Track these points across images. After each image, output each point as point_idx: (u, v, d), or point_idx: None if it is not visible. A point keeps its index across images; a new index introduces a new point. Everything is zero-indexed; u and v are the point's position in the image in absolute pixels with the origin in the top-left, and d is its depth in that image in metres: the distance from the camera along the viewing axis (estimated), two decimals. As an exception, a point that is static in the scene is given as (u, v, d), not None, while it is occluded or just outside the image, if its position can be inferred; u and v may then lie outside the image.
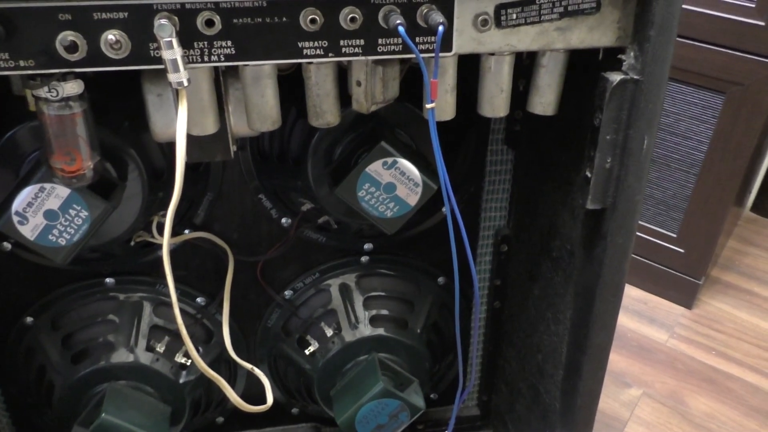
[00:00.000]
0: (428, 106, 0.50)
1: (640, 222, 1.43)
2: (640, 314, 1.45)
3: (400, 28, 0.46)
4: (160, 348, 0.82)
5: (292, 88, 0.61)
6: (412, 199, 0.69)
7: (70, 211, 0.62)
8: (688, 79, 1.25)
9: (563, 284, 0.75)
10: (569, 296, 0.73)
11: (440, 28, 0.47)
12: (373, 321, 0.87)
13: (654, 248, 1.43)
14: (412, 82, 0.60)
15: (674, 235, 1.40)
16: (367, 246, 0.88)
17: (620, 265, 0.64)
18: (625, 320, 1.43)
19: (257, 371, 0.80)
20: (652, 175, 1.37)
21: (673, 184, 1.36)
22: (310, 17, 0.48)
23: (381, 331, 0.86)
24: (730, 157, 1.26)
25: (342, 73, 0.58)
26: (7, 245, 0.77)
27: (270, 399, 0.73)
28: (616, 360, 1.34)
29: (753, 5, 1.15)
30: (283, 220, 0.83)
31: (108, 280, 0.82)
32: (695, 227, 1.36)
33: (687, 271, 1.42)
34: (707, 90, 1.24)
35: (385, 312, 0.89)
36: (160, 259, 0.82)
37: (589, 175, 0.60)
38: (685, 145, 1.31)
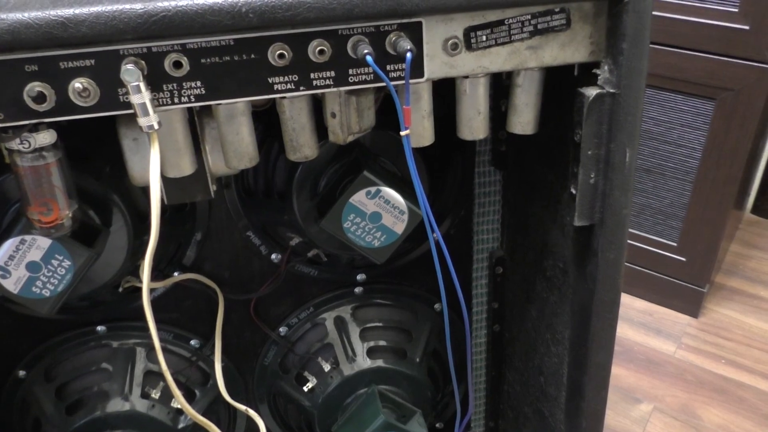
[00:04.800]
0: (402, 133, 0.49)
1: (639, 233, 1.42)
2: (647, 326, 1.43)
3: (368, 58, 0.46)
4: (156, 394, 0.81)
5: (272, 123, 0.61)
6: (399, 227, 0.68)
7: (53, 261, 0.61)
8: (677, 87, 1.25)
9: (559, 303, 0.74)
10: (566, 315, 0.72)
11: (408, 54, 0.46)
12: (371, 353, 0.86)
13: (655, 258, 1.42)
14: (393, 109, 0.60)
15: (675, 244, 1.39)
16: (360, 276, 0.87)
17: (614, 281, 0.63)
18: (631, 333, 1.41)
19: (251, 412, 0.79)
20: (648, 185, 1.37)
21: (669, 192, 1.35)
22: (278, 52, 0.48)
23: (380, 362, 0.85)
24: (725, 161, 1.26)
25: (318, 105, 0.58)
26: (-5, 299, 0.76)
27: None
28: (624, 375, 1.31)
29: (736, 10, 1.15)
30: (273, 256, 0.82)
31: (99, 327, 0.81)
32: (695, 234, 1.35)
33: (690, 280, 1.41)
34: (697, 97, 1.24)
35: (382, 343, 0.87)
36: (151, 304, 0.82)
37: (574, 191, 0.59)
38: (679, 153, 1.31)
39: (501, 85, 0.74)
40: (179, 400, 0.58)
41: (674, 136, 1.30)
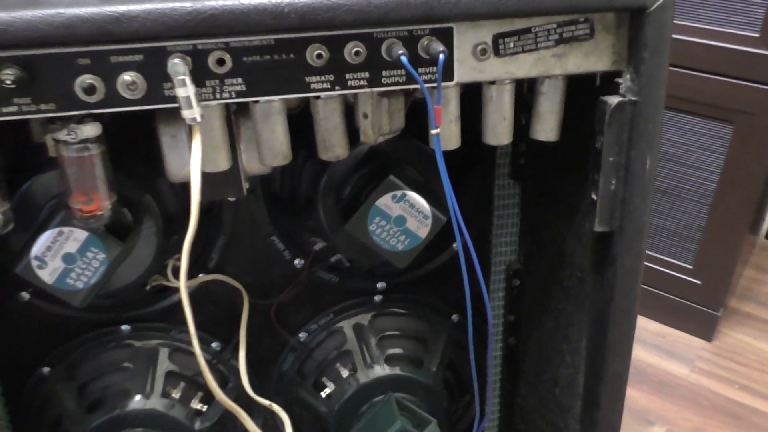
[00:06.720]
0: (433, 132, 0.51)
1: (654, 254, 1.43)
2: (660, 348, 1.43)
3: (403, 58, 0.48)
4: (176, 394, 0.82)
5: (299, 129, 0.63)
6: (423, 231, 0.70)
7: (88, 253, 0.63)
8: (696, 109, 1.26)
9: (575, 313, 0.75)
10: (582, 324, 0.73)
11: (441, 56, 0.48)
12: (389, 361, 0.87)
13: (670, 280, 1.42)
14: (418, 118, 0.62)
15: (690, 267, 1.39)
16: (380, 285, 0.88)
17: (631, 289, 0.64)
18: (644, 355, 1.41)
19: (275, 407, 0.80)
20: (664, 206, 1.38)
21: (685, 215, 1.37)
22: (316, 53, 0.50)
23: (397, 370, 0.86)
24: (742, 185, 1.27)
25: (348, 110, 0.60)
26: (25, 295, 0.78)
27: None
28: (637, 397, 1.31)
29: (757, 35, 1.18)
30: (296, 262, 0.84)
31: (124, 327, 0.83)
32: (711, 258, 1.36)
33: (705, 303, 1.41)
34: (716, 120, 1.26)
35: (400, 351, 0.89)
36: (174, 305, 0.84)
37: (595, 197, 0.61)
38: (696, 175, 1.32)
39: (521, 100, 0.76)
40: (211, 386, 0.59)
41: (692, 159, 1.31)
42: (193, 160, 0.50)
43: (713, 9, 1.18)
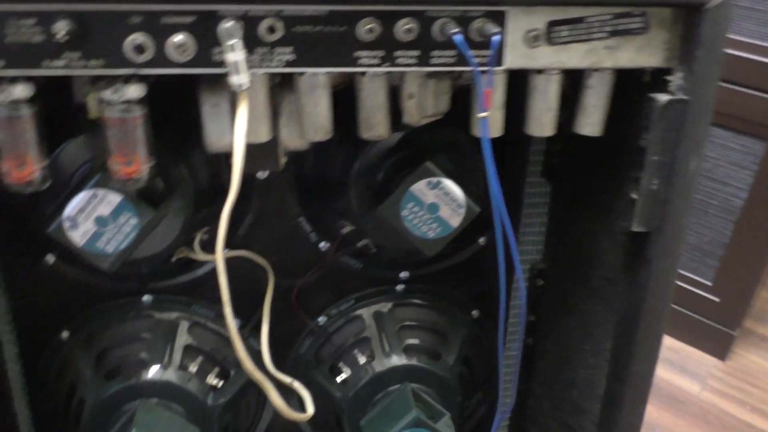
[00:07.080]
0: (481, 115, 0.51)
1: (673, 268, 1.41)
2: (672, 363, 1.42)
3: (458, 37, 0.48)
4: (193, 368, 0.82)
5: (336, 110, 0.63)
6: (455, 220, 0.69)
7: (120, 218, 0.63)
8: (728, 123, 1.25)
9: (603, 314, 0.74)
10: (609, 325, 0.72)
11: (496, 37, 0.48)
12: (407, 351, 0.86)
13: (688, 296, 1.41)
14: (455, 106, 0.61)
15: (710, 284, 1.38)
16: (403, 274, 0.88)
17: (665, 290, 0.64)
18: (656, 369, 1.39)
19: (296, 384, 0.80)
20: (688, 219, 1.37)
21: (709, 230, 1.35)
22: (368, 26, 0.50)
23: (414, 361, 0.85)
24: (770, 204, 1.26)
25: (390, 91, 0.59)
26: (51, 258, 0.78)
27: (310, 409, 0.73)
28: (647, 410, 1.30)
29: (797, 52, 1.16)
30: (321, 245, 0.83)
31: (145, 298, 0.83)
32: (732, 276, 1.34)
33: (721, 322, 1.40)
34: (748, 135, 1.24)
35: (419, 342, 0.88)
36: (198, 279, 0.84)
37: (635, 197, 0.60)
38: (724, 191, 1.31)
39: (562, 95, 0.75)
40: (241, 355, 0.59)
41: (721, 174, 1.30)
42: (237, 128, 0.50)
43: (754, 22, 1.16)
